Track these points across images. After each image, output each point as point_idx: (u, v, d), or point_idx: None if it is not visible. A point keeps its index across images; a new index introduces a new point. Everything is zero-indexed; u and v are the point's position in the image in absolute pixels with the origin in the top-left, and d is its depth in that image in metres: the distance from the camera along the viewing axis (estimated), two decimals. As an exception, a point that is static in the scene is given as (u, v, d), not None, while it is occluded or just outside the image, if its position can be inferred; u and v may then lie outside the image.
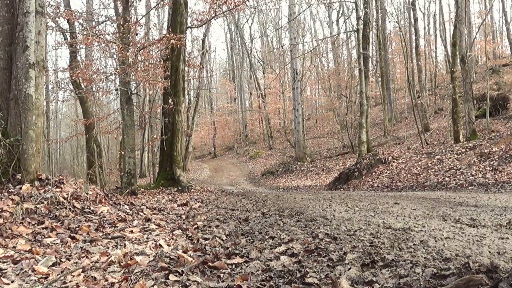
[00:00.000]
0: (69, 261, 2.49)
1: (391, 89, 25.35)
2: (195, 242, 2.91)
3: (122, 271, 2.20)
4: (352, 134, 18.84)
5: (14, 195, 3.71)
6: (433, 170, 9.10)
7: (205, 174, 23.96)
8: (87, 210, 3.85)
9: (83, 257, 2.58)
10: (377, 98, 30.79)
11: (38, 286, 2.07)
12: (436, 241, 2.50)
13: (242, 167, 25.57)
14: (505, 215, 3.62)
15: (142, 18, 12.95)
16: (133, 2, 10.79)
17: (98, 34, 9.29)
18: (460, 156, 9.35)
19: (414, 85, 22.19)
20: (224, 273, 2.04)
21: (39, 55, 4.55)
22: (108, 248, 2.81)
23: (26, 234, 3.02)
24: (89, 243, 2.93)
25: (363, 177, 11.00)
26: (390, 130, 21.81)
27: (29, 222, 3.27)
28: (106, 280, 2.06)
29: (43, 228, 3.20)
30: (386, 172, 10.49)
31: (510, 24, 26.43)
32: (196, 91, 25.06)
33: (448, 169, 8.75)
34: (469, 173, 8.04)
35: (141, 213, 4.35)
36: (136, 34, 9.94)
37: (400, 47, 26.35)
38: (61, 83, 16.46)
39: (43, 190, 3.93)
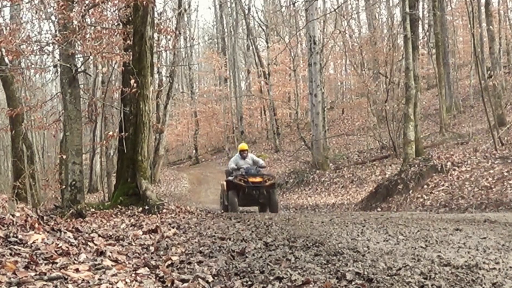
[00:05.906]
0: (-13, 312, 2.49)
1: (451, 66, 25.36)
2: (169, 285, 2.91)
3: (64, 327, 2.20)
4: (395, 130, 18.84)
5: None
6: (510, 182, 9.10)
7: (183, 188, 23.96)
8: (13, 240, 3.85)
9: (7, 306, 2.58)
10: (431, 78, 30.84)
11: None
12: (515, 283, 2.50)
13: (236, 178, 25.49)
14: None
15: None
16: None
17: (29, -14, 9.30)
18: (549, 161, 9.37)
19: (483, 59, 22.19)
20: (210, 330, 2.04)
21: None
22: (43, 293, 2.81)
23: None
24: (16, 287, 2.93)
25: (410, 191, 11.00)
26: (449, 124, 21.83)
27: None
28: None
29: (-51, 265, 3.20)
30: (443, 185, 10.50)
31: None
32: (170, 68, 25.07)
33: (532, 181, 8.77)
34: (562, 186, 8.05)
35: (91, 244, 4.35)
36: (84, -14, 9.95)
37: (463, 6, 26.37)
38: (-24, 57, 16.47)
39: (-50, 211, 3.93)
